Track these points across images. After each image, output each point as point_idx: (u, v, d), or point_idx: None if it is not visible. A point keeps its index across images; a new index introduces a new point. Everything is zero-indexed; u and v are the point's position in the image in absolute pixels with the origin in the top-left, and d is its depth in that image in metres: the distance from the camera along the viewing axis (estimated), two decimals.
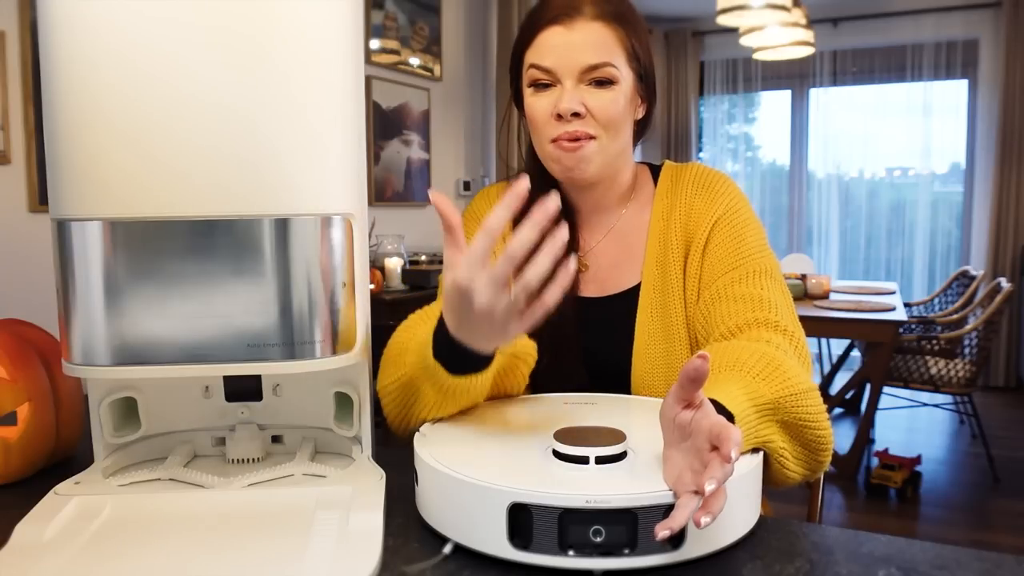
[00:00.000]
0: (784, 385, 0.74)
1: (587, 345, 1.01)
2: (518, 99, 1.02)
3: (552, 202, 0.62)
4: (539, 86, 0.95)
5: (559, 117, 0.93)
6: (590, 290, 1.04)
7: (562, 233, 0.62)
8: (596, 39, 0.93)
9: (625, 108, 0.95)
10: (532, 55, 0.95)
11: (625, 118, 0.96)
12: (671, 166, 1.08)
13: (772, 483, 0.77)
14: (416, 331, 0.86)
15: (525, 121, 1.02)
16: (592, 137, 0.94)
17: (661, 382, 0.97)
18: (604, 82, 0.93)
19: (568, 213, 1.05)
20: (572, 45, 0.92)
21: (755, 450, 0.72)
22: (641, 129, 1.03)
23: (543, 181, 1.03)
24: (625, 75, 0.94)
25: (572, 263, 0.63)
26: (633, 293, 1.02)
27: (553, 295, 0.64)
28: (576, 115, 0.92)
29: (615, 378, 0.99)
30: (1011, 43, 4.52)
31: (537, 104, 0.95)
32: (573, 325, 1.00)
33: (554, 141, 0.94)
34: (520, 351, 0.88)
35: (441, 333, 0.75)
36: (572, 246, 1.04)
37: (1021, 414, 4.14)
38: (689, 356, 0.98)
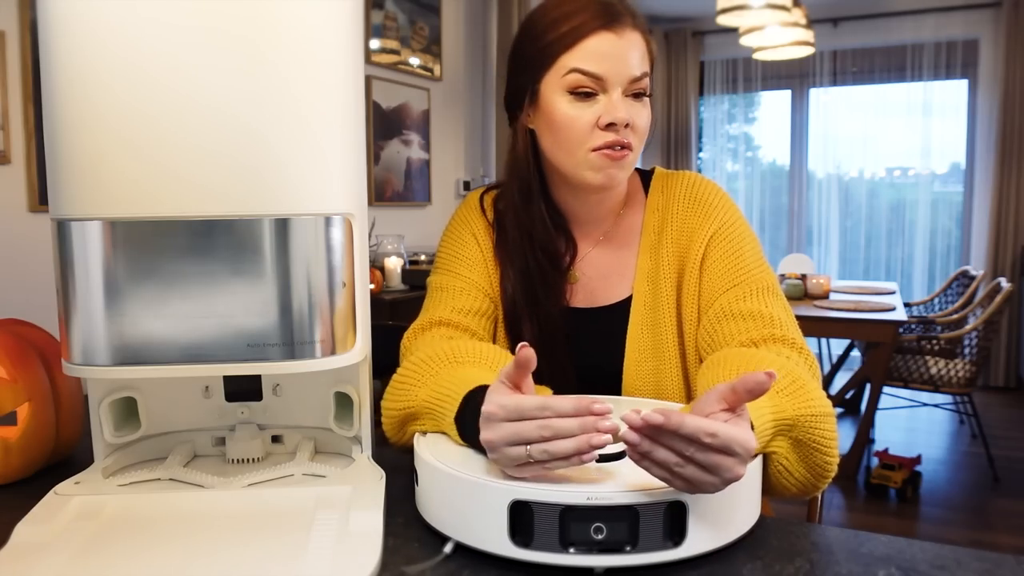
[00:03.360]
0: (806, 404, 0.74)
1: (576, 357, 1.00)
2: (518, 110, 0.98)
3: (604, 409, 0.62)
4: (580, 94, 0.91)
5: (608, 126, 0.90)
6: (579, 301, 1.02)
7: (601, 439, 0.62)
8: (639, 49, 0.91)
9: (650, 121, 0.96)
10: (576, 59, 0.90)
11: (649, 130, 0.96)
12: (662, 174, 1.05)
13: (766, 491, 0.77)
14: (438, 371, 0.83)
15: (521, 124, 0.97)
16: (631, 149, 0.93)
17: (651, 397, 0.97)
18: (640, 94, 0.92)
19: (563, 221, 1.03)
20: (623, 54, 0.90)
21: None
22: None
23: (538, 187, 1.00)
24: (650, 87, 0.94)
25: (589, 456, 0.62)
26: (623, 306, 1.01)
27: (558, 468, 0.63)
28: (626, 125, 0.91)
29: (605, 391, 0.98)
30: (1011, 43, 4.52)
31: (576, 113, 0.91)
32: (561, 336, 0.99)
33: (596, 149, 0.91)
34: None
35: (474, 406, 0.72)
36: (570, 256, 1.03)
37: (1021, 414, 4.14)
38: (679, 372, 0.97)
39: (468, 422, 0.73)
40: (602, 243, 1.04)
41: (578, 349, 1.01)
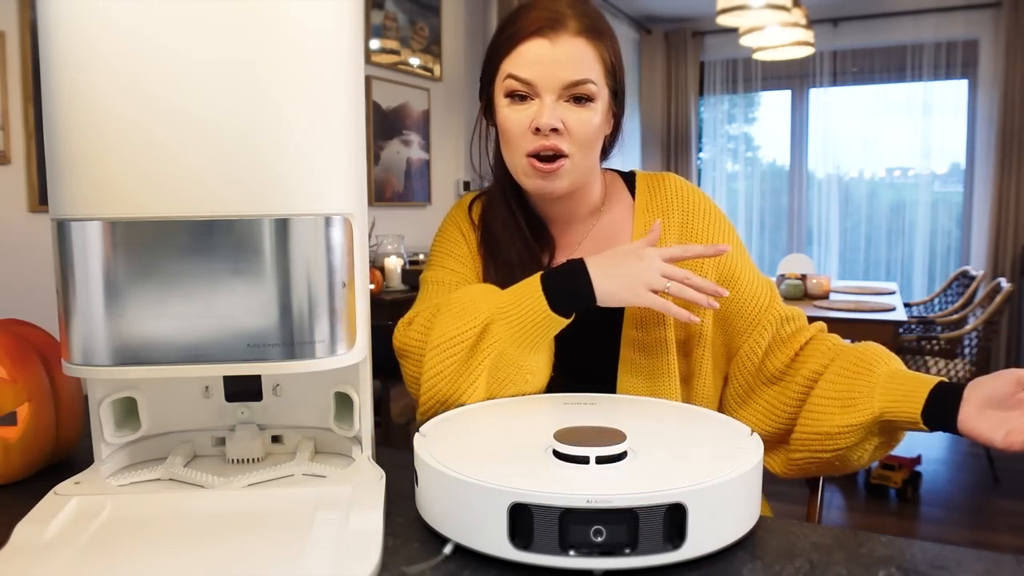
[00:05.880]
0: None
1: (566, 354, 1.00)
2: (488, 107, 1.01)
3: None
4: (516, 98, 0.94)
5: (536, 131, 0.93)
6: None
7: (714, 286, 0.88)
8: (578, 55, 0.92)
9: (600, 126, 0.96)
10: (511, 65, 0.94)
11: (599, 135, 0.97)
12: (645, 176, 1.08)
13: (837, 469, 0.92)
14: (476, 294, 0.93)
15: (491, 129, 1.02)
16: (565, 156, 0.94)
17: (646, 395, 0.97)
18: (582, 99, 0.93)
19: (539, 223, 1.05)
20: (555, 60, 0.92)
21: (754, 437, 0.72)
22: (609, 144, 1.04)
23: (511, 189, 1.03)
24: (602, 92, 0.95)
25: (712, 303, 0.88)
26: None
27: (681, 314, 0.87)
28: (554, 130, 0.92)
29: (600, 388, 0.98)
30: (1011, 43, 4.52)
31: (513, 117, 0.94)
32: None
33: (529, 156, 0.94)
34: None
35: (549, 275, 0.89)
36: (550, 252, 1.05)
37: None
38: (676, 370, 0.98)
39: (555, 281, 0.88)
40: (587, 243, 1.05)
41: (570, 347, 1.00)
